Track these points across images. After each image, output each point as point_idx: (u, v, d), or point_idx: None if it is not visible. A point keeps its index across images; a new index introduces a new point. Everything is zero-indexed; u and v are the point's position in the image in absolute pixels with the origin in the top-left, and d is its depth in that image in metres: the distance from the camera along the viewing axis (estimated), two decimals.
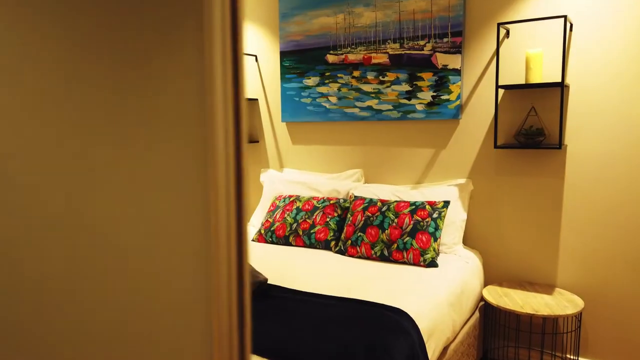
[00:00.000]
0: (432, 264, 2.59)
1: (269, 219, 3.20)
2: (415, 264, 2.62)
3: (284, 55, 3.57)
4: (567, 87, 2.66)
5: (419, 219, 2.71)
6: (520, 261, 2.90)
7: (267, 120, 3.77)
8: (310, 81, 3.49)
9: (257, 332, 1.82)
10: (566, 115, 2.68)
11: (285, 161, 3.72)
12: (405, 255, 2.64)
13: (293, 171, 3.64)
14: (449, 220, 2.84)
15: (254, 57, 3.77)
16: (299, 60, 3.51)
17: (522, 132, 2.70)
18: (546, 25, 2.68)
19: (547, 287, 2.78)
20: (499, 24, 2.63)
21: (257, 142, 3.83)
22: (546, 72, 2.70)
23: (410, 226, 2.70)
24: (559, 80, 2.62)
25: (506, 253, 2.94)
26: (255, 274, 2.18)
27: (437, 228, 2.69)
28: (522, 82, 2.73)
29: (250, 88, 3.82)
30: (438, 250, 2.68)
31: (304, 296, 2.13)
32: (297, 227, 3.05)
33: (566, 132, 2.70)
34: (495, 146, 2.70)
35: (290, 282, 2.34)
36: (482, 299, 2.81)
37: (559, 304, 2.55)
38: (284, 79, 3.60)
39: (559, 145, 2.58)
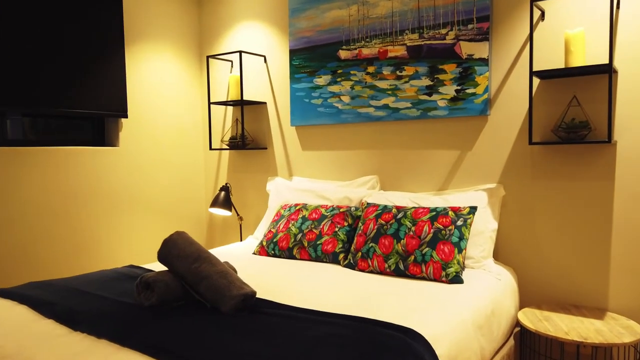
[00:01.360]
0: (456, 279, 2.18)
1: (272, 230, 2.86)
2: (436, 279, 2.22)
3: (293, 53, 3.29)
4: (616, 72, 2.26)
5: (441, 226, 2.32)
6: (562, 280, 2.46)
7: (276, 125, 3.47)
8: (321, 80, 3.18)
9: (235, 353, 1.47)
10: (615, 104, 2.27)
11: (295, 169, 3.39)
12: (424, 269, 2.24)
13: (303, 179, 3.30)
14: (476, 230, 2.44)
15: (263, 58, 3.50)
16: (309, 58, 3.22)
17: (562, 125, 2.31)
18: (587, 4, 2.31)
19: (596, 311, 2.32)
20: (532, 2, 2.27)
21: (265, 149, 3.53)
22: (589, 57, 2.31)
23: (430, 235, 2.31)
24: (606, 62, 2.21)
25: (546, 270, 2.50)
26: (239, 285, 1.82)
27: (461, 238, 2.29)
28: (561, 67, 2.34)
29: (259, 91, 3.54)
30: (463, 263, 2.27)
31: (296, 312, 1.76)
32: (302, 237, 2.69)
33: (616, 125, 2.28)
34: (531, 142, 2.30)
35: (286, 297, 1.98)
36: (517, 323, 2.37)
37: (613, 330, 2.09)
38: (293, 79, 3.30)
39: (608, 139, 2.17)
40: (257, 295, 1.96)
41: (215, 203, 3.35)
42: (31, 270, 2.86)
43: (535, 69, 2.40)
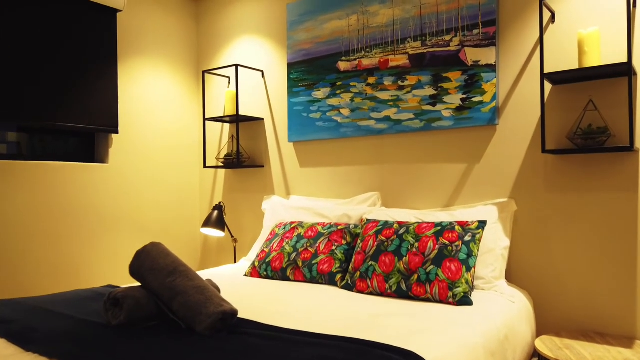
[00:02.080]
0: (465, 300, 1.95)
1: (265, 249, 2.66)
2: (442, 300, 1.99)
3: (291, 67, 3.16)
4: (635, 75, 2.08)
5: (447, 242, 2.11)
6: (584, 305, 2.22)
7: (274, 142, 3.31)
8: (320, 93, 3.03)
9: None
10: (636, 109, 2.09)
11: (292, 187, 3.21)
12: (429, 289, 2.02)
13: (301, 198, 3.11)
14: (486, 247, 2.22)
15: (261, 73, 3.38)
16: (307, 71, 3.09)
17: (578, 132, 2.11)
18: (600, 3, 2.16)
19: (623, 340, 2.07)
20: (541, 1, 2.12)
21: (262, 167, 3.35)
22: (604, 60, 2.14)
23: (435, 252, 2.09)
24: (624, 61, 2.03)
25: (564, 294, 2.26)
26: (218, 302, 1.61)
27: (470, 254, 2.07)
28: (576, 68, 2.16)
29: (256, 107, 3.39)
30: (472, 283, 2.05)
31: (281, 333, 1.55)
32: (296, 257, 2.48)
33: (637, 131, 2.09)
34: (544, 150, 2.11)
35: (272, 319, 1.76)
36: (534, 352, 2.12)
37: None
38: (291, 93, 3.16)
39: (630, 145, 1.97)
40: (241, 316, 1.74)
41: (207, 223, 3.16)
42: (13, 288, 2.66)
43: (547, 71, 2.23)
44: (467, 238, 2.10)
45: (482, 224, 2.17)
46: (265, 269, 2.55)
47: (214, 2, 3.63)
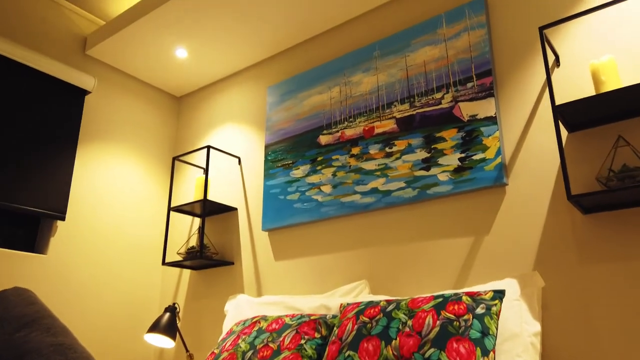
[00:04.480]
0: None
1: (215, 350, 2.01)
2: None
3: (269, 148, 2.83)
4: None
5: (452, 316, 1.51)
6: None
7: (247, 233, 2.83)
8: (299, 171, 2.65)
9: None
10: None
11: (265, 285, 2.64)
12: None
13: (275, 298, 2.52)
14: (509, 331, 1.60)
15: (237, 160, 3.04)
16: (285, 150, 2.74)
17: (611, 174, 1.65)
18: (612, 39, 1.86)
19: None
20: (541, 29, 1.83)
21: (232, 264, 2.82)
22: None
23: (437, 329, 1.48)
24: None
25: None
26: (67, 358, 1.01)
27: (486, 333, 1.45)
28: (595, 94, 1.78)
29: (231, 196, 2.99)
30: None
31: None
32: (252, 356, 1.84)
33: None
34: (570, 197, 1.62)
35: None
36: None
37: None
38: (267, 175, 2.78)
39: None
40: None
41: (154, 328, 2.52)
42: None
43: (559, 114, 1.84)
44: (479, 310, 1.51)
45: (498, 294, 1.58)
46: None
47: (196, 97, 3.47)
